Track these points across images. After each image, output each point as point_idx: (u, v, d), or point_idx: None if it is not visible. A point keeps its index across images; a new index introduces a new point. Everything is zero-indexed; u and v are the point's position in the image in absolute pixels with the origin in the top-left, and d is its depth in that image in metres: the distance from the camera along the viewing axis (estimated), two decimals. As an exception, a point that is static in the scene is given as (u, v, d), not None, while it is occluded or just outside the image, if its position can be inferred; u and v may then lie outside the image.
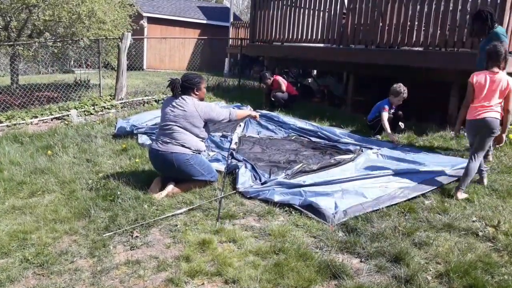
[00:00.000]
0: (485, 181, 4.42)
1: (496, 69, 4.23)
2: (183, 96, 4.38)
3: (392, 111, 6.39)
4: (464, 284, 2.81)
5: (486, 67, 4.29)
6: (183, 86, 4.39)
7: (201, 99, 4.54)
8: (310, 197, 3.97)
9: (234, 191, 4.32)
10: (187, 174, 4.32)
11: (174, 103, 4.36)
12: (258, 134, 6.68)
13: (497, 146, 4.93)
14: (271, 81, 8.71)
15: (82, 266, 3.11)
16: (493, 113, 4.19)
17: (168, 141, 4.29)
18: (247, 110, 4.90)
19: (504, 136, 4.37)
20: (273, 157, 5.43)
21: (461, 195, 4.13)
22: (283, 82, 8.61)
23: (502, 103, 4.24)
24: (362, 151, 5.57)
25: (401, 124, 6.45)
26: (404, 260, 3.04)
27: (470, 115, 4.29)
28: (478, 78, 4.25)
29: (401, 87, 6.24)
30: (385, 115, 6.19)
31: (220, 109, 4.62)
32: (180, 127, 4.30)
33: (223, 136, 6.30)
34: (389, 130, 6.15)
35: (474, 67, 5.44)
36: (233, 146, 5.73)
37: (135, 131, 6.50)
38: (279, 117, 7.26)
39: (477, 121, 4.22)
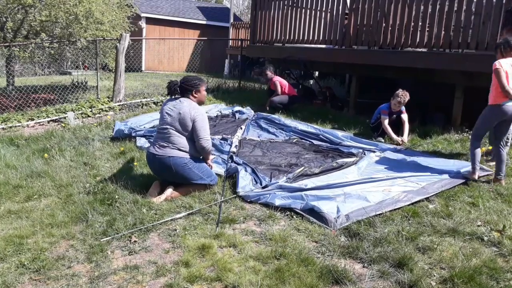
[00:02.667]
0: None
1: None
2: (181, 99, 4.40)
3: (395, 116, 6.40)
4: (468, 290, 2.82)
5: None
6: (181, 88, 4.40)
7: (201, 102, 4.54)
8: (311, 201, 3.98)
9: (235, 195, 4.33)
10: (186, 178, 4.33)
11: (172, 106, 4.38)
12: (258, 137, 6.70)
13: None
14: (268, 78, 8.80)
15: (79, 271, 3.12)
16: None
17: (166, 145, 4.31)
18: (211, 157, 4.67)
19: None
20: (274, 161, 5.44)
21: (503, 181, 4.61)
22: (280, 85, 8.61)
23: None
24: (364, 154, 5.59)
25: (404, 138, 6.28)
26: (408, 265, 3.05)
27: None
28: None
29: (399, 92, 6.27)
30: (385, 118, 6.28)
31: (208, 130, 4.39)
32: (176, 130, 4.31)
33: (223, 139, 6.32)
34: (390, 132, 6.22)
35: (479, 68, 5.49)
36: (233, 149, 5.75)
37: (133, 134, 6.51)
38: (280, 120, 7.28)
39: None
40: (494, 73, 4.42)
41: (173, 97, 4.45)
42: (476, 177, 4.57)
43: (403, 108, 6.40)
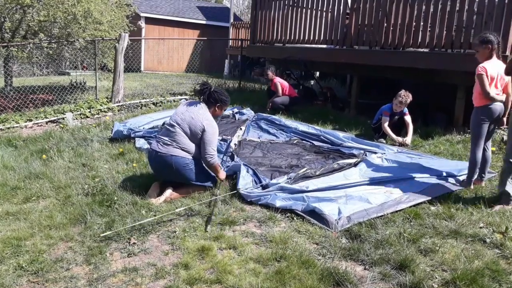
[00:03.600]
0: None
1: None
2: (201, 104, 4.42)
3: (397, 117, 6.40)
4: (471, 292, 2.82)
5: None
6: (210, 96, 4.42)
7: (214, 117, 4.53)
8: (313, 203, 3.98)
9: (234, 191, 4.33)
10: (186, 178, 4.33)
11: (187, 107, 4.42)
12: (259, 138, 6.70)
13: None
14: (269, 79, 8.79)
15: (78, 273, 3.12)
16: None
17: (169, 143, 4.32)
18: (221, 171, 4.55)
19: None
20: (275, 162, 5.44)
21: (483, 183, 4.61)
22: (281, 86, 8.62)
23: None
24: (366, 155, 5.58)
25: (407, 140, 6.24)
26: (409, 267, 3.05)
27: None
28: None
29: (401, 92, 6.24)
30: (385, 120, 6.31)
31: (215, 144, 4.40)
32: (183, 131, 4.32)
33: (223, 140, 6.32)
34: (390, 133, 6.24)
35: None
36: (232, 145, 5.69)
37: (132, 135, 6.51)
38: (280, 121, 7.28)
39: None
40: (477, 78, 4.32)
41: (200, 98, 4.47)
42: (472, 188, 4.49)
43: (406, 110, 6.39)
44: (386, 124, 6.33)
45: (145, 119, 7.65)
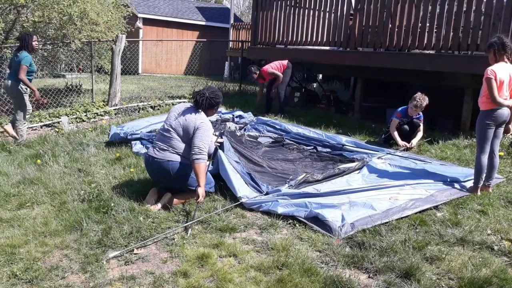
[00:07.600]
0: None
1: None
2: (198, 109, 4.43)
3: (405, 120, 6.33)
4: (478, 301, 2.83)
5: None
6: (208, 103, 4.41)
7: (208, 116, 4.57)
8: (315, 209, 4.00)
9: (237, 202, 4.34)
10: (184, 183, 4.35)
11: (181, 110, 4.43)
12: (257, 138, 6.70)
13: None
14: (258, 75, 8.54)
15: (74, 282, 3.13)
16: None
17: (165, 148, 4.33)
18: (203, 183, 4.19)
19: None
20: (275, 167, 5.45)
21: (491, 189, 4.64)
22: (275, 68, 8.39)
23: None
24: (370, 160, 5.59)
25: (413, 142, 6.20)
26: (415, 275, 3.06)
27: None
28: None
29: (417, 95, 6.12)
30: (395, 121, 6.28)
31: (206, 142, 4.29)
32: (178, 135, 4.34)
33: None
34: (396, 136, 6.22)
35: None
36: (220, 140, 5.41)
37: (128, 137, 6.52)
38: (281, 125, 7.29)
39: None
40: (485, 81, 4.35)
41: (197, 107, 4.46)
42: (479, 194, 4.52)
43: (422, 116, 6.29)
44: (394, 126, 6.26)
45: (142, 123, 7.66)
